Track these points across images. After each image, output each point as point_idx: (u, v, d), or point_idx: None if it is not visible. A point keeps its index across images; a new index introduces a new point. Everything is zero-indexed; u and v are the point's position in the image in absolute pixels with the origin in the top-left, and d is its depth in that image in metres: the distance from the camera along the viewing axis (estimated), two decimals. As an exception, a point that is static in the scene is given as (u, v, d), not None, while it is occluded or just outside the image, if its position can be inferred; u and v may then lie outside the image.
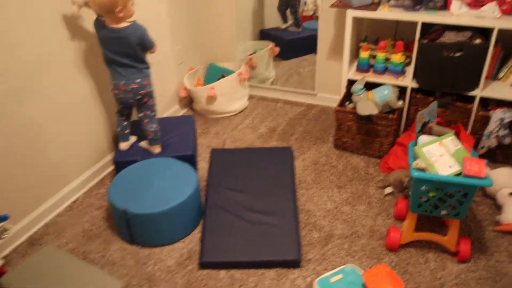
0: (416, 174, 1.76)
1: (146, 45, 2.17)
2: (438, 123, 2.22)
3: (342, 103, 2.61)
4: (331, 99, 3.08)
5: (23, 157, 2.05)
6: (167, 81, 2.97)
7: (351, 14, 2.47)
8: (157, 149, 2.39)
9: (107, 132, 2.52)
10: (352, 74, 2.66)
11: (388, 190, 2.31)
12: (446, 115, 2.51)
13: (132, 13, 2.11)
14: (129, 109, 2.36)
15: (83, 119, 2.34)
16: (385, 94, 2.45)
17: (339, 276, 1.81)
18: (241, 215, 2.07)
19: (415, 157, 1.87)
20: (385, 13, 2.40)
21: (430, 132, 1.99)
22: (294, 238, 1.97)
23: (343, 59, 2.62)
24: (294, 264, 1.92)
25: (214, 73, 3.17)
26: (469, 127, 2.49)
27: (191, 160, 2.36)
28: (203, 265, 1.93)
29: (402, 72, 2.56)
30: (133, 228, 2.02)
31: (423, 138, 1.92)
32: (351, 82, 2.63)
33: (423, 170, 1.80)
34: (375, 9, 2.43)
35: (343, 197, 2.32)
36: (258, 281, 1.87)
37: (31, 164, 2.09)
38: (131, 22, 2.12)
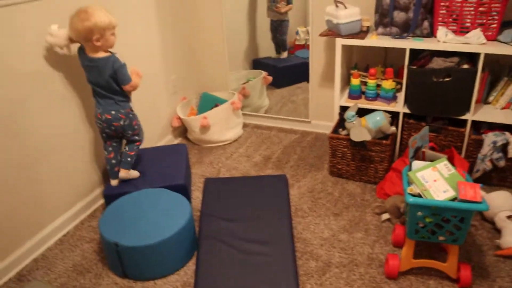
0: (411, 200, 1.74)
1: (120, 80, 2.13)
2: (432, 148, 2.22)
3: (335, 130, 2.61)
4: (325, 126, 3.09)
5: (11, 190, 2.01)
6: (161, 111, 2.97)
7: (340, 42, 2.51)
8: (121, 173, 2.33)
9: (98, 164, 2.49)
10: (344, 101, 2.68)
11: (385, 216, 2.28)
12: (439, 140, 2.51)
13: (111, 43, 2.08)
14: (112, 141, 2.32)
15: (72, 151, 2.32)
16: (378, 120, 2.46)
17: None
18: (235, 246, 2.03)
19: (410, 183, 1.86)
20: (373, 40, 2.44)
21: (423, 158, 1.99)
22: (291, 269, 1.92)
23: (334, 86, 2.64)
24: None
25: (207, 103, 3.18)
26: (463, 151, 2.49)
27: (183, 190, 2.33)
28: (198, 301, 1.88)
29: (393, 98, 2.58)
30: (124, 262, 1.97)
31: (416, 164, 1.91)
32: (343, 109, 2.64)
33: (418, 195, 1.78)
34: (363, 37, 2.46)
35: (340, 224, 2.28)
36: (254, 314, 1.81)
37: (19, 197, 2.06)
38: (109, 53, 2.10)
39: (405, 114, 2.57)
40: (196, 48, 3.27)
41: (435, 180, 1.80)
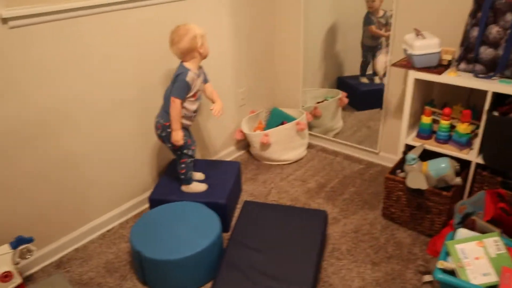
0: (440, 276, 1.51)
1: (173, 88, 2.21)
2: (504, 210, 1.88)
3: (394, 170, 2.37)
4: (394, 160, 2.82)
5: (65, 183, 2.21)
6: (226, 121, 3.00)
7: (413, 75, 2.26)
8: (183, 188, 2.42)
9: (152, 167, 2.61)
10: (412, 139, 2.42)
11: (428, 278, 2.01)
12: (515, 202, 2.13)
13: (208, 50, 2.26)
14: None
15: (128, 153, 2.46)
16: (442, 167, 2.17)
17: None
18: (254, 279, 1.96)
19: (448, 254, 1.61)
20: (450, 78, 2.15)
21: (473, 226, 1.70)
22: (302, 314, 1.82)
23: (402, 121, 2.40)
24: None
25: (276, 118, 3.12)
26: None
27: (223, 208, 2.33)
28: (202, 324, 1.88)
29: (467, 144, 2.25)
30: (146, 270, 2.04)
31: (461, 232, 1.65)
32: (409, 148, 2.39)
33: (452, 271, 1.54)
34: (440, 73, 2.18)
35: (374, 275, 2.08)
36: None
37: (73, 190, 2.25)
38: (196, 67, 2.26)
39: (479, 165, 2.24)
40: (271, 62, 3.23)
41: (477, 258, 1.54)
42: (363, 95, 3.33)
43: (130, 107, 2.39)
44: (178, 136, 2.24)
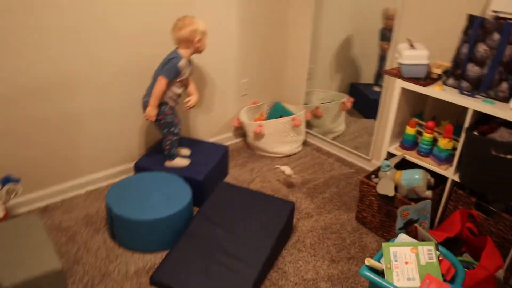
0: (364, 273, 1.55)
1: (163, 69, 2.34)
2: (469, 229, 1.88)
3: (370, 175, 2.40)
4: (384, 169, 2.84)
5: (63, 137, 2.42)
6: (226, 108, 3.13)
7: (400, 84, 2.27)
8: (167, 163, 2.55)
9: (144, 139, 2.77)
10: (394, 148, 2.43)
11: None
12: (487, 224, 2.11)
13: (204, 47, 2.42)
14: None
15: (124, 122, 2.62)
16: (414, 178, 2.18)
17: None
18: (209, 251, 2.06)
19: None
20: (434, 91, 2.15)
21: (415, 233, 1.72)
22: (244, 291, 1.90)
23: (386, 129, 2.41)
24: (231, 317, 1.84)
25: (277, 112, 3.20)
26: (512, 248, 2.05)
27: (200, 185, 2.44)
28: (152, 282, 1.99)
29: (446, 160, 2.24)
30: (114, 227, 2.19)
31: (402, 237, 1.67)
32: (392, 156, 2.41)
33: (380, 271, 1.57)
34: (426, 85, 2.19)
35: (329, 272, 2.12)
36: (190, 318, 1.85)
37: (68, 145, 2.45)
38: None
39: (456, 183, 2.22)
40: (279, 57, 3.31)
41: (407, 263, 1.56)
42: (372, 103, 3.34)
43: (130, 80, 2.55)
44: (152, 112, 2.38)
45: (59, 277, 1.80)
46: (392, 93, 2.35)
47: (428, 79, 2.25)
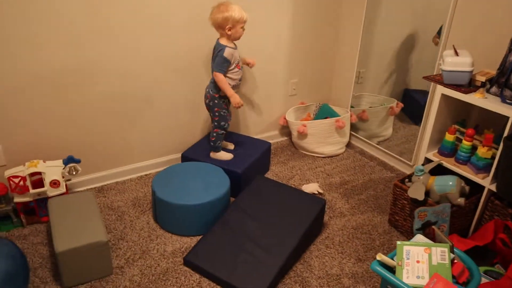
0: (374, 267, 1.60)
1: (214, 65, 2.51)
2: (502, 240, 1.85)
3: (404, 179, 2.40)
4: (426, 176, 2.81)
5: (123, 128, 2.69)
6: (274, 107, 3.25)
7: (440, 90, 2.27)
8: (211, 155, 2.73)
9: (194, 131, 2.98)
10: (432, 154, 2.41)
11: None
12: (523, 237, 2.05)
13: (239, 35, 2.49)
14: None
15: (177, 115, 2.85)
16: (447, 185, 2.17)
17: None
18: (240, 239, 2.20)
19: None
20: (475, 98, 2.12)
21: (433, 235, 1.73)
22: (268, 278, 2.01)
23: (424, 136, 2.41)
24: (253, 301, 1.97)
25: (324, 114, 3.27)
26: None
27: (238, 177, 2.60)
28: (185, 262, 2.17)
29: (484, 169, 2.19)
30: (157, 209, 2.41)
31: (417, 238, 1.70)
32: (429, 161, 2.40)
33: (392, 268, 1.61)
34: (467, 92, 2.17)
35: (353, 270, 2.18)
36: (215, 298, 2.00)
37: (129, 134, 2.73)
38: (230, 44, 2.50)
39: (493, 193, 2.18)
40: (328, 60, 3.38)
41: (418, 262, 1.59)
42: (423, 110, 3.30)
43: (184, 76, 2.77)
44: (237, 99, 2.55)
45: (105, 249, 2.04)
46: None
47: (471, 86, 2.23)
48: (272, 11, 2.93)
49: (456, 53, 2.22)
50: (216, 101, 2.60)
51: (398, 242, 1.66)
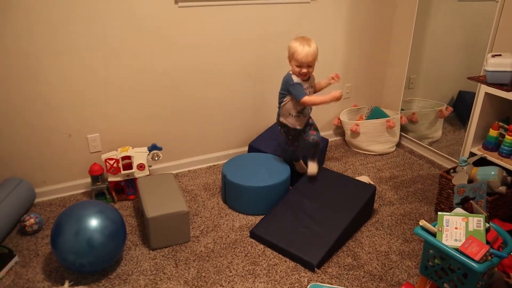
0: (417, 231, 1.87)
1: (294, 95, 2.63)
2: None
3: (449, 170, 2.63)
4: (472, 173, 3.01)
5: (197, 120, 3.11)
6: (329, 109, 3.57)
7: (484, 89, 2.50)
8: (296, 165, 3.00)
9: (258, 127, 3.35)
10: (477, 149, 2.63)
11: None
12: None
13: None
14: None
15: (245, 111, 3.25)
16: (490, 174, 2.38)
17: (332, 291, 2.10)
18: (299, 218, 2.52)
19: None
20: (515, 96, 2.35)
21: (470, 209, 1.97)
22: (324, 249, 2.31)
23: (469, 132, 2.63)
24: (310, 267, 2.27)
25: (375, 116, 3.54)
26: None
27: (298, 167, 2.93)
28: (251, 235, 2.52)
29: (525, 162, 2.40)
30: (226, 191, 2.78)
31: (457, 210, 1.94)
32: (473, 155, 2.62)
33: (433, 234, 1.86)
34: (509, 90, 2.39)
35: (401, 248, 2.43)
36: (278, 264, 2.32)
37: (202, 129, 3.16)
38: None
39: (534, 183, 2.37)
40: (380, 66, 3.67)
41: (456, 228, 1.84)
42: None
43: (252, 80, 3.17)
44: (333, 96, 2.61)
45: (186, 218, 2.42)
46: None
47: (512, 85, 2.45)
48: (330, 20, 3.28)
49: (499, 55, 2.45)
50: (280, 129, 2.85)
51: (439, 213, 1.92)
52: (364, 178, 2.95)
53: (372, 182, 2.98)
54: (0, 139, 2.62)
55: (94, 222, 2.11)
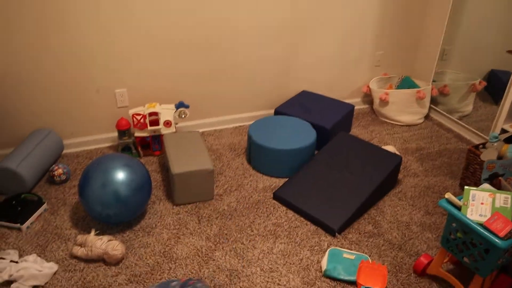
0: (442, 203, 1.86)
1: None
2: None
3: (478, 145, 2.58)
4: (501, 149, 2.95)
5: (226, 82, 3.11)
6: (359, 76, 3.51)
7: (523, 64, 2.41)
8: None
9: (284, 90, 3.33)
10: (509, 126, 2.56)
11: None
12: None
13: None
14: None
15: (271, 75, 3.21)
16: (521, 152, 2.33)
17: (351, 257, 2.13)
18: (322, 182, 2.54)
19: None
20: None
21: (499, 186, 1.94)
22: (345, 215, 2.33)
23: (503, 108, 2.56)
24: (331, 231, 2.30)
25: (405, 86, 3.47)
26: None
27: (326, 132, 2.91)
28: (274, 196, 2.55)
29: (559, 141, 2.33)
30: (251, 152, 2.80)
31: (484, 186, 1.92)
32: (505, 132, 2.56)
33: (458, 207, 1.85)
34: (550, 66, 2.30)
35: (422, 220, 2.43)
36: (299, 227, 2.35)
37: (230, 88, 3.16)
38: None
39: None
40: (414, 35, 3.55)
41: (482, 203, 1.82)
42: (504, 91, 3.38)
43: (278, 42, 3.12)
44: None
45: (210, 176, 2.46)
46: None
47: (554, 61, 2.35)
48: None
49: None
50: None
51: (466, 187, 1.90)
52: (390, 148, 2.92)
53: (397, 153, 2.95)
54: (32, 91, 2.68)
55: (121, 175, 2.17)
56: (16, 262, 2.01)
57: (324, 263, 2.10)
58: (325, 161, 2.67)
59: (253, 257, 2.15)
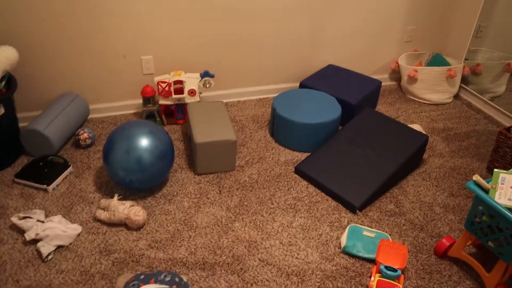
0: (470, 185, 1.81)
1: None
2: None
3: (510, 127, 2.50)
4: (533, 133, 2.85)
5: (250, 54, 3.06)
6: (388, 51, 3.41)
7: None
8: None
9: (309, 63, 3.27)
10: (545, 108, 2.47)
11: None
12: None
13: None
14: None
15: (296, 48, 3.15)
16: (555, 136, 2.25)
17: (371, 234, 2.12)
18: (345, 158, 2.50)
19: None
20: None
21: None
22: (367, 192, 2.31)
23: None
24: (352, 208, 2.29)
25: (436, 63, 3.35)
26: None
27: (351, 108, 2.86)
28: (296, 171, 2.54)
29: None
30: (275, 125, 2.77)
31: (515, 171, 1.86)
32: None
33: (485, 190, 1.81)
34: None
35: (445, 202, 2.39)
36: (320, 202, 2.34)
37: (254, 60, 3.11)
38: None
39: None
40: (449, 10, 3.40)
41: (511, 188, 1.77)
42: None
43: (305, 15, 3.04)
44: None
45: (233, 147, 2.45)
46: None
47: None
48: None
49: None
50: None
51: (495, 170, 1.84)
52: (416, 127, 2.85)
53: (423, 132, 2.89)
54: (60, 56, 2.68)
55: (144, 142, 2.18)
56: (42, 222, 2.06)
57: (343, 240, 2.09)
58: (349, 137, 2.63)
59: (272, 230, 2.16)
